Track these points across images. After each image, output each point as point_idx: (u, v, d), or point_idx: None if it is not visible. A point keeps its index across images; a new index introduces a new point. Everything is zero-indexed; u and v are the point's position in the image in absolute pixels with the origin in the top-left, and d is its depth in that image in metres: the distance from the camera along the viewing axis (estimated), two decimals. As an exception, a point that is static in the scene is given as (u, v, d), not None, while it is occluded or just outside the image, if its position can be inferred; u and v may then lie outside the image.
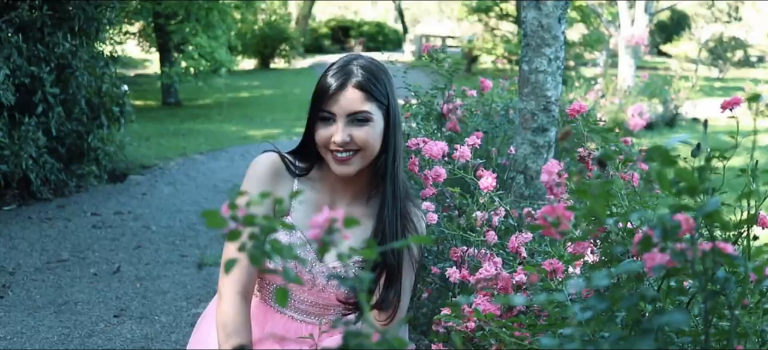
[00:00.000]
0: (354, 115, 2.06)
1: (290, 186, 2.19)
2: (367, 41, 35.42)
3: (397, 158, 2.16)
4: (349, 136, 2.05)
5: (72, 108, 7.57)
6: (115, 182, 8.54)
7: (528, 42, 4.42)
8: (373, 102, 2.08)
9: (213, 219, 0.93)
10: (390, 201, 2.15)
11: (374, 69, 2.12)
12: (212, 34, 15.77)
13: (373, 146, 2.09)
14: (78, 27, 7.42)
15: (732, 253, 1.02)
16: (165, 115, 14.98)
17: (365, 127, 2.06)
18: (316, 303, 2.24)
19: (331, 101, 2.06)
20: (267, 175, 2.17)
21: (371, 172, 2.16)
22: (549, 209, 1.11)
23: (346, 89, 2.06)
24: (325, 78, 2.10)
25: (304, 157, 2.21)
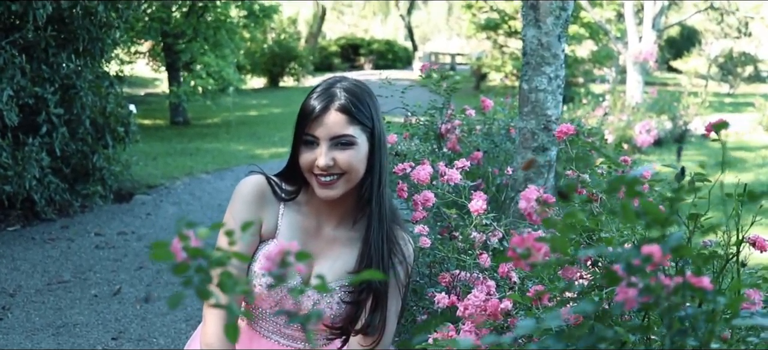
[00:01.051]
0: (337, 138, 2.03)
1: (276, 210, 2.16)
2: (377, 59, 35.47)
3: (382, 181, 2.13)
4: (332, 160, 2.02)
5: (76, 128, 7.57)
6: (120, 202, 8.54)
7: (528, 60, 4.39)
8: (356, 125, 2.04)
9: (159, 252, 0.90)
10: (376, 225, 2.12)
11: (358, 91, 2.08)
12: (220, 53, 15.80)
13: (357, 169, 2.05)
14: (82, 47, 7.43)
15: (705, 287, 0.98)
16: (173, 134, 14.99)
17: (349, 151, 2.03)
18: (302, 327, 2.20)
19: (314, 124, 2.03)
20: (253, 198, 2.14)
21: (357, 195, 2.13)
22: (518, 240, 1.07)
23: (329, 112, 2.03)
24: (309, 101, 2.07)
25: (291, 179, 2.18)
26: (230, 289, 0.88)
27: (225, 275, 0.91)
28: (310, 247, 2.18)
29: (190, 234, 0.93)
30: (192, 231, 0.92)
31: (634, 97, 14.50)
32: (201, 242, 0.94)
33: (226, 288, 0.88)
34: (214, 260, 0.90)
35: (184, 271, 0.90)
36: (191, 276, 0.89)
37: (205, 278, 0.89)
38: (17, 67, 6.59)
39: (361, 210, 2.14)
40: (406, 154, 3.76)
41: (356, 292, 2.13)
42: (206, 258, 0.90)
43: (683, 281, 0.93)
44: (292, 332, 2.21)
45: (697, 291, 0.96)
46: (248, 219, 2.11)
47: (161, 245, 0.93)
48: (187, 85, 15.51)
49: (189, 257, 0.90)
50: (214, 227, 1.05)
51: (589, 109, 12.59)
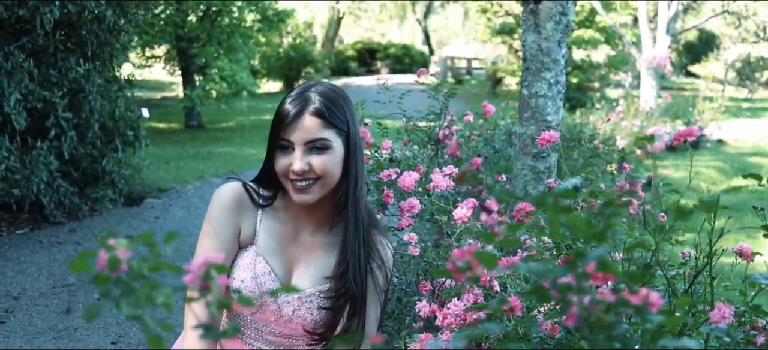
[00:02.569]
0: (312, 142, 2.02)
1: (254, 216, 2.16)
2: (394, 63, 35.44)
3: (358, 185, 2.12)
4: (307, 164, 2.01)
5: (85, 132, 7.61)
6: (131, 205, 8.57)
7: (528, 66, 4.37)
8: (331, 129, 2.03)
9: (77, 264, 0.89)
10: (352, 230, 2.11)
11: (333, 95, 2.08)
12: (234, 57, 15.85)
13: (332, 174, 2.04)
14: (91, 52, 7.47)
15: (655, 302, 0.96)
16: (186, 138, 15.05)
17: (324, 155, 2.02)
18: (284, 333, 2.20)
19: (288, 129, 2.03)
20: (231, 205, 2.13)
21: (333, 200, 2.12)
22: (459, 253, 1.05)
23: (304, 116, 2.02)
24: (283, 105, 2.06)
25: (267, 184, 2.18)
26: (148, 301, 0.87)
27: (148, 286, 0.90)
28: (289, 253, 2.17)
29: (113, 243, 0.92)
30: (115, 241, 0.92)
31: (647, 101, 14.41)
32: (128, 253, 0.93)
33: (150, 299, 0.87)
34: (135, 272, 0.89)
35: (105, 283, 0.89)
36: (110, 288, 0.88)
37: (125, 290, 0.88)
38: (25, 72, 6.63)
39: (338, 214, 2.13)
40: (400, 160, 3.74)
41: (334, 298, 2.12)
42: (128, 270, 0.89)
43: (617, 298, 0.91)
44: (274, 337, 2.21)
45: (634, 308, 0.94)
46: (226, 226, 2.11)
47: (86, 254, 0.93)
48: (201, 89, 15.57)
49: (110, 268, 0.89)
50: (168, 239, 1.05)
51: (602, 114, 12.50)
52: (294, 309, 2.13)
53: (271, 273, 2.12)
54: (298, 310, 2.13)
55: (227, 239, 2.11)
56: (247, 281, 2.10)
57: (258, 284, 2.11)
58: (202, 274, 0.92)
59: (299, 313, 2.13)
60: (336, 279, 2.12)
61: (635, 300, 0.94)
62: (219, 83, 15.38)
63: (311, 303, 2.12)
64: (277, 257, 2.16)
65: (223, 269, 1.89)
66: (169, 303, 0.91)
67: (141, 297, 0.87)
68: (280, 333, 2.19)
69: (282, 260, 2.17)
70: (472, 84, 29.79)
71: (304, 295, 2.12)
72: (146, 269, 0.91)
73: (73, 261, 0.90)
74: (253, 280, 2.10)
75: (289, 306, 2.13)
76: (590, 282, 0.93)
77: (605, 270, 0.85)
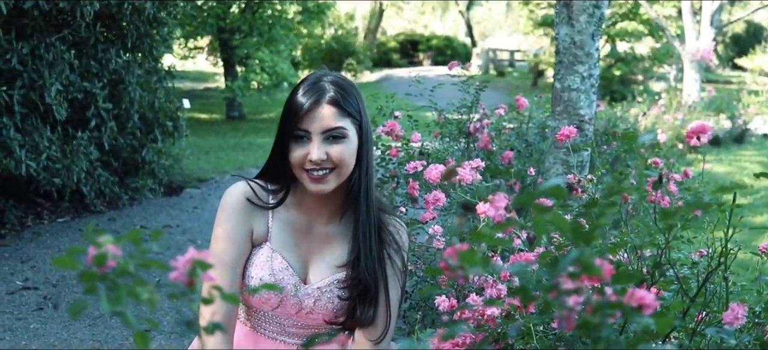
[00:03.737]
0: (329, 131, 2.03)
1: (266, 213, 2.16)
2: (436, 55, 35.36)
3: (370, 174, 2.14)
4: (325, 154, 2.02)
5: (125, 122, 7.70)
6: (171, 195, 8.67)
7: (560, 59, 4.33)
8: (347, 117, 2.05)
9: (63, 260, 0.91)
10: (364, 218, 2.12)
11: (346, 84, 2.10)
12: (275, 48, 15.93)
13: (348, 163, 2.06)
14: (131, 43, 7.56)
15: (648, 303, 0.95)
16: (227, 129, 15.17)
17: (341, 144, 2.03)
18: (306, 325, 2.22)
19: (305, 119, 2.03)
20: (241, 207, 2.14)
21: (346, 190, 2.12)
22: (451, 250, 1.05)
23: (321, 106, 2.03)
24: (296, 97, 2.06)
25: (274, 178, 2.18)
26: (135, 297, 0.88)
27: (134, 283, 0.91)
28: (303, 246, 2.19)
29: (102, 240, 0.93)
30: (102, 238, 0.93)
31: (690, 95, 14.20)
32: (118, 250, 0.95)
33: (134, 295, 0.88)
34: (119, 269, 0.90)
35: (90, 279, 0.90)
36: (96, 284, 0.90)
37: (110, 286, 0.90)
38: (66, 63, 6.73)
39: (350, 204, 2.14)
40: (430, 153, 3.73)
41: (350, 287, 2.14)
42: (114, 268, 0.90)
43: (603, 299, 0.90)
44: (296, 330, 2.23)
45: (622, 309, 0.93)
46: (239, 228, 2.12)
47: (73, 250, 0.95)
48: (242, 80, 15.68)
49: (96, 265, 0.90)
50: (154, 236, 1.06)
51: (644, 107, 12.36)
52: (315, 301, 2.15)
53: (289, 268, 2.14)
54: (318, 301, 2.15)
55: (240, 240, 2.12)
56: (266, 278, 2.12)
57: (276, 280, 2.12)
58: (187, 270, 0.93)
59: (320, 304, 2.15)
60: (349, 267, 2.14)
61: (631, 301, 0.93)
62: (260, 74, 15.48)
63: (331, 293, 2.14)
64: (292, 251, 2.17)
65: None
66: (153, 299, 0.93)
67: (122, 294, 0.88)
68: (302, 325, 2.21)
69: (297, 254, 2.18)
70: (513, 76, 29.62)
71: (322, 285, 2.15)
72: (132, 266, 0.92)
73: (59, 258, 0.92)
74: (271, 277, 2.12)
75: (310, 299, 2.15)
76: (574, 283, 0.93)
77: (589, 271, 0.84)
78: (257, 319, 2.25)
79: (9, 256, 5.96)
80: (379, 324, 2.16)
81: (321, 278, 2.16)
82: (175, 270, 0.94)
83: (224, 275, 2.09)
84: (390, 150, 3.94)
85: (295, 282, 2.14)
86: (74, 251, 0.94)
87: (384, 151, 3.98)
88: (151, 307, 0.92)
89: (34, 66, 6.45)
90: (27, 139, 6.43)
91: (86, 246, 0.95)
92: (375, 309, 2.15)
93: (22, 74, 6.36)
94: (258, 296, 2.14)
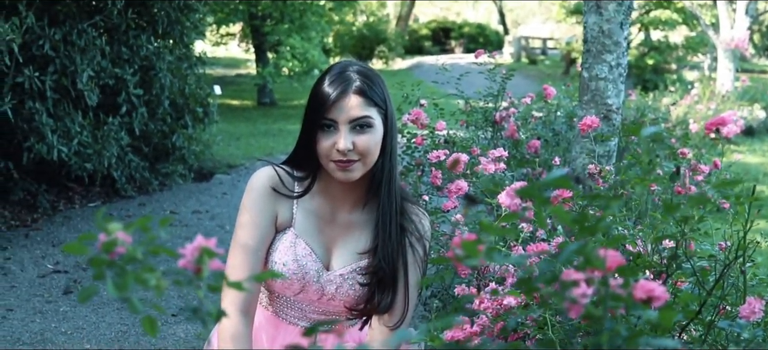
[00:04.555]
0: (356, 121, 2.05)
1: (291, 200, 2.19)
2: (468, 43, 35.21)
3: (393, 163, 2.16)
4: (351, 143, 2.03)
5: (156, 108, 7.77)
6: (201, 181, 8.74)
7: (588, 48, 4.30)
8: (373, 107, 2.07)
9: (73, 246, 0.92)
10: (387, 206, 2.15)
11: (371, 74, 2.12)
12: (306, 35, 15.97)
13: (374, 152, 2.08)
14: (162, 30, 7.62)
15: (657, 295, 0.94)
16: (258, 115, 15.24)
17: (367, 133, 2.06)
18: (326, 311, 2.25)
19: (332, 109, 2.05)
20: (266, 191, 2.16)
21: (370, 178, 2.15)
22: (457, 240, 1.05)
23: (348, 96, 2.05)
24: (322, 87, 2.09)
25: (300, 166, 2.21)
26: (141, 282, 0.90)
27: (142, 270, 0.92)
28: (327, 233, 2.21)
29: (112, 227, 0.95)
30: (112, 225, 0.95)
31: (724, 85, 14.02)
32: (128, 237, 0.96)
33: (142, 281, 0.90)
34: (127, 256, 0.92)
35: (99, 265, 0.92)
36: (104, 270, 0.91)
37: (118, 272, 0.91)
38: (98, 49, 6.79)
39: (373, 192, 2.17)
40: (455, 141, 3.73)
41: (371, 273, 2.16)
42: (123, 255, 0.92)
43: (606, 291, 0.90)
44: (317, 316, 2.26)
45: (625, 302, 0.92)
46: (263, 212, 2.15)
47: (85, 236, 0.96)
48: (273, 67, 15.74)
49: (104, 251, 0.92)
50: (163, 223, 1.08)
51: (676, 97, 12.22)
52: (336, 287, 2.18)
53: (312, 254, 2.17)
54: (340, 288, 2.18)
55: (264, 225, 2.15)
56: (289, 263, 2.15)
57: (300, 265, 2.15)
58: (195, 258, 0.94)
59: (341, 290, 2.18)
60: (371, 254, 2.16)
61: (640, 293, 0.93)
62: (291, 61, 15.53)
63: (353, 280, 2.17)
64: (315, 238, 2.20)
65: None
66: (160, 285, 0.94)
67: (128, 280, 0.89)
68: (322, 311, 2.24)
69: (321, 240, 2.21)
70: (545, 64, 29.43)
71: (345, 272, 2.17)
72: (139, 253, 0.93)
73: (69, 244, 0.94)
74: (294, 262, 2.15)
75: (332, 285, 2.18)
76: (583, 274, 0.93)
77: (590, 264, 0.84)
78: (279, 304, 2.27)
79: (41, 240, 6.05)
80: (397, 311, 2.19)
81: (343, 265, 2.19)
82: (182, 257, 0.95)
83: (247, 259, 2.12)
84: (415, 138, 3.94)
85: (318, 269, 2.17)
86: (85, 237, 0.96)
87: (409, 139, 3.99)
88: (157, 293, 0.93)
89: (66, 52, 6.52)
90: (59, 124, 6.51)
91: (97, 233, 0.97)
92: (393, 297, 2.17)
93: (55, 60, 6.44)
94: (280, 281, 2.17)
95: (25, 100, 6.27)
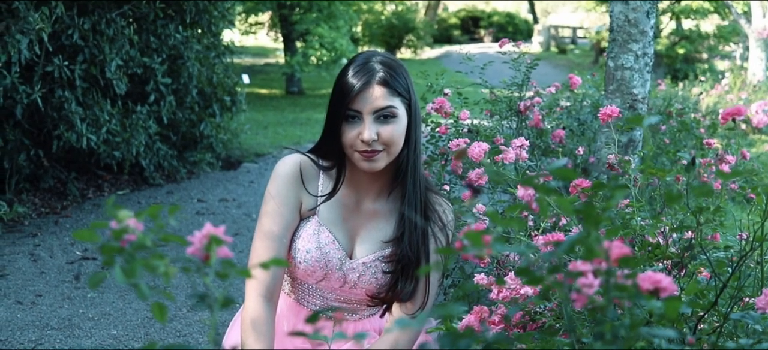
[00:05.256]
0: (380, 111, 2.07)
1: (316, 187, 2.21)
2: (497, 32, 35.05)
3: (417, 152, 2.19)
4: (376, 134, 2.05)
5: (184, 97, 7.83)
6: (228, 169, 8.79)
7: (614, 37, 4.27)
8: (397, 97, 2.10)
9: (83, 233, 0.94)
10: (412, 195, 2.17)
11: (394, 64, 2.14)
12: (334, 24, 15.99)
13: (398, 142, 2.11)
14: (190, 19, 7.67)
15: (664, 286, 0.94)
16: (286, 104, 15.29)
17: (391, 124, 2.08)
18: (348, 299, 2.27)
19: (356, 100, 2.07)
20: (292, 178, 2.19)
21: (394, 168, 2.17)
22: (466, 231, 1.06)
23: (372, 86, 2.07)
24: (346, 78, 2.10)
25: (326, 156, 2.23)
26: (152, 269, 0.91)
27: (152, 259, 0.94)
28: (350, 222, 2.23)
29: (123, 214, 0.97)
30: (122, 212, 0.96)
31: (755, 74, 13.85)
32: (139, 225, 0.98)
33: (150, 268, 0.91)
34: (137, 243, 0.93)
35: (110, 252, 0.94)
36: (114, 257, 0.93)
37: (128, 259, 0.93)
38: (126, 38, 6.85)
39: (397, 181, 2.19)
40: (479, 131, 3.73)
41: (395, 262, 2.17)
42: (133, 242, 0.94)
43: (609, 281, 0.90)
44: (338, 303, 2.28)
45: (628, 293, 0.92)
46: (288, 199, 2.17)
47: (96, 225, 0.98)
48: (301, 56, 15.78)
49: (114, 238, 0.94)
50: (172, 211, 1.09)
51: (707, 87, 12.09)
52: (359, 276, 2.20)
53: (335, 242, 2.19)
54: (362, 276, 2.20)
55: (289, 212, 2.17)
56: (312, 251, 2.17)
57: (323, 253, 2.17)
58: (204, 245, 0.96)
59: (364, 279, 2.21)
60: (394, 243, 2.18)
61: (646, 285, 0.93)
62: (319, 50, 15.57)
63: (375, 269, 2.20)
64: (339, 226, 2.22)
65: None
66: (168, 272, 0.96)
67: (135, 267, 0.91)
68: (344, 299, 2.27)
69: (344, 229, 2.23)
70: (575, 54, 29.23)
71: (368, 260, 2.20)
72: (149, 240, 0.95)
73: (79, 231, 0.96)
74: (317, 250, 2.17)
75: (354, 273, 2.20)
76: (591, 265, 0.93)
77: (591, 255, 0.84)
78: (301, 292, 2.30)
79: (70, 227, 6.12)
80: (418, 299, 2.21)
81: (367, 253, 2.21)
82: (191, 245, 0.97)
83: (272, 245, 2.14)
84: (439, 127, 3.94)
85: (341, 257, 2.19)
86: (97, 225, 0.97)
87: (433, 129, 3.99)
88: (165, 280, 0.95)
89: (95, 41, 6.58)
90: (88, 112, 6.58)
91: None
92: (415, 285, 2.19)
93: (84, 49, 6.50)
94: (303, 268, 2.19)
95: (55, 88, 6.35)
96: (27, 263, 5.25)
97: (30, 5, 5.79)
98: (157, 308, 0.99)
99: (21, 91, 5.94)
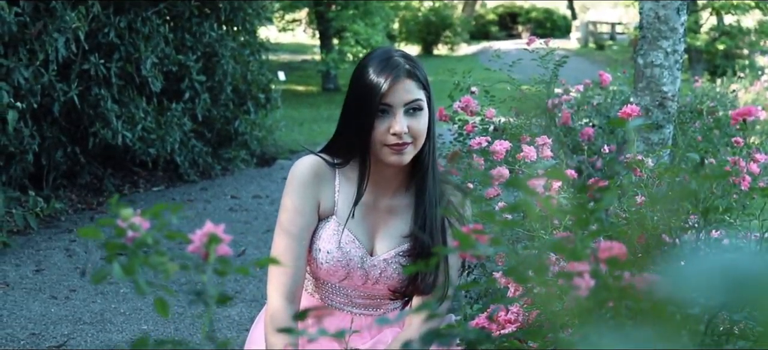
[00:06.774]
0: (411, 103, 2.10)
1: (333, 187, 2.23)
2: (535, 27, 34.83)
3: (434, 144, 2.21)
4: (406, 126, 2.07)
5: (218, 94, 7.91)
6: (263, 166, 8.85)
7: (644, 34, 4.25)
8: (422, 90, 2.13)
9: (87, 230, 0.97)
10: (431, 188, 2.19)
11: (413, 58, 2.18)
12: (370, 20, 16.03)
13: (424, 134, 2.13)
14: (225, 17, 7.75)
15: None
16: (322, 101, 15.34)
17: (418, 116, 2.11)
18: (371, 295, 2.29)
19: (388, 94, 2.08)
20: (309, 180, 2.20)
21: (413, 161, 2.18)
22: (467, 230, 1.07)
23: (402, 80, 2.09)
24: (372, 75, 2.10)
25: (339, 154, 2.24)
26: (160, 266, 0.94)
27: (154, 255, 0.97)
28: (369, 219, 2.24)
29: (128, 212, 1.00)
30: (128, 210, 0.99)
31: (796, 71, 13.63)
32: (145, 222, 1.01)
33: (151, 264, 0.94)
34: (138, 241, 0.96)
35: (112, 249, 0.96)
36: (115, 253, 0.96)
37: (130, 256, 0.96)
38: (161, 36, 6.94)
39: (415, 176, 2.20)
40: (505, 128, 3.72)
41: (414, 256, 2.19)
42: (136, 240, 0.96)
43: (599, 281, 0.91)
44: (362, 300, 2.29)
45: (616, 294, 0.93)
46: (306, 200, 2.19)
47: (101, 222, 1.01)
48: (336, 53, 15.84)
49: (117, 235, 0.96)
50: (175, 210, 1.12)
51: (746, 83, 11.92)
52: (380, 272, 2.22)
53: (355, 241, 2.20)
54: (384, 272, 2.22)
55: (307, 213, 2.19)
56: (333, 251, 2.19)
57: (344, 253, 2.19)
58: (204, 243, 0.98)
59: (385, 275, 2.22)
60: (414, 237, 2.20)
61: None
62: (355, 47, 15.60)
63: (396, 264, 2.21)
64: (358, 224, 2.23)
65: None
66: (168, 269, 0.98)
67: (134, 264, 0.94)
68: (367, 295, 2.28)
69: (364, 226, 2.24)
70: (613, 50, 28.94)
71: (389, 257, 2.21)
72: (150, 238, 0.98)
73: (83, 228, 0.99)
74: (338, 250, 2.19)
75: (376, 269, 2.22)
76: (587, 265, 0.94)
77: (576, 257, 0.85)
78: (325, 291, 2.31)
79: (105, 223, 6.21)
80: (439, 290, 2.22)
81: (387, 249, 2.23)
82: (192, 242, 0.99)
83: (292, 245, 2.16)
84: (466, 125, 3.94)
85: (362, 255, 2.21)
86: (102, 222, 1.00)
87: (461, 127, 3.99)
88: (165, 277, 0.97)
89: (131, 39, 6.68)
90: (123, 110, 6.68)
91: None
92: (435, 278, 2.20)
93: (119, 47, 6.60)
94: (325, 268, 2.21)
95: (91, 86, 6.45)
96: (62, 258, 5.35)
97: (67, 4, 5.89)
98: (159, 303, 1.01)
99: (58, 89, 6.05)
